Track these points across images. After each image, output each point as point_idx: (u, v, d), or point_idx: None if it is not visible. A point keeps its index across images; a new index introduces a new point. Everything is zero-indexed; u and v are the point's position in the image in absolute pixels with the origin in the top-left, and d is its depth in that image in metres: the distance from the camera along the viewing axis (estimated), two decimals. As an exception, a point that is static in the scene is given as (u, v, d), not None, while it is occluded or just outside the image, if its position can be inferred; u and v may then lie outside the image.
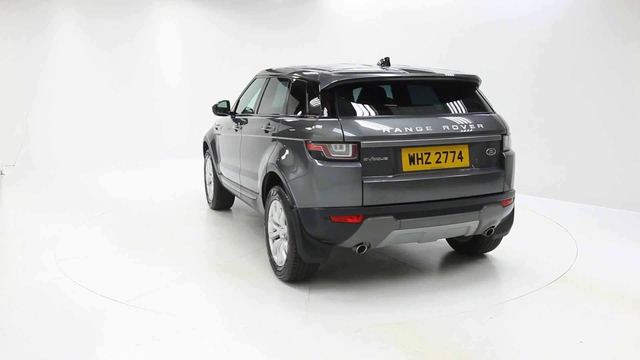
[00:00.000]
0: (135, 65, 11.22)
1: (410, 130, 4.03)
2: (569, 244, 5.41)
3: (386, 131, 3.98)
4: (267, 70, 5.70)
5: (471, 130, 4.22)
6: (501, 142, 4.37)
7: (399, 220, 3.93)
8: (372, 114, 4.16)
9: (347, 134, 3.91)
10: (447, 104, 4.49)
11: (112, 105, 11.00)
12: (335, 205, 3.89)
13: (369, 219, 3.87)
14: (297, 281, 4.35)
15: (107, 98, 10.94)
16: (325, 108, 4.09)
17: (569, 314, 3.82)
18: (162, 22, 11.64)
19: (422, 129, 4.06)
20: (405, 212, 3.95)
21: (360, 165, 3.88)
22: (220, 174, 6.43)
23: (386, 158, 3.95)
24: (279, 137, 4.52)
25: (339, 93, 4.14)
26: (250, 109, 5.70)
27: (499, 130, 4.37)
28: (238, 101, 6.13)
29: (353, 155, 3.89)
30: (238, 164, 5.62)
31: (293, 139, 4.25)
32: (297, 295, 4.17)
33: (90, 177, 9.39)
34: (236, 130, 5.74)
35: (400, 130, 4.01)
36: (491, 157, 4.31)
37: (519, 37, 7.81)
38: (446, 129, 4.14)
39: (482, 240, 4.82)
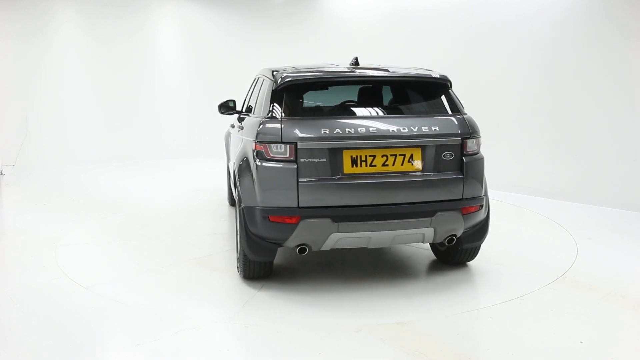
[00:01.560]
0: (135, 65, 11.22)
1: (352, 131, 3.90)
2: (569, 244, 5.41)
3: (325, 132, 3.89)
4: (263, 69, 5.73)
5: (424, 132, 4.00)
6: (462, 146, 4.09)
7: (336, 224, 3.84)
8: (317, 114, 4.17)
9: (285, 134, 3.90)
10: (406, 105, 4.43)
11: (112, 105, 11.00)
12: (273, 205, 3.90)
13: (305, 221, 3.84)
14: (253, 279, 4.37)
15: (107, 98, 10.95)
16: (273, 108, 4.12)
17: (569, 314, 3.81)
18: (162, 22, 11.64)
19: (364, 131, 3.92)
20: (343, 215, 3.85)
21: (295, 166, 3.85)
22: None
23: (324, 159, 3.88)
24: (243, 137, 4.63)
25: (289, 93, 4.15)
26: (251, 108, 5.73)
27: (459, 133, 4.10)
28: (245, 100, 6.18)
29: (290, 156, 3.87)
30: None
31: (246, 139, 4.37)
32: (242, 293, 4.20)
33: (90, 177, 9.39)
34: (239, 130, 5.77)
35: (341, 132, 3.89)
36: (449, 162, 4.06)
37: (519, 37, 7.81)
38: (394, 130, 3.96)
39: (455, 249, 4.56)
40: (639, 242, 5.53)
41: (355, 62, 4.56)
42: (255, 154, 4.02)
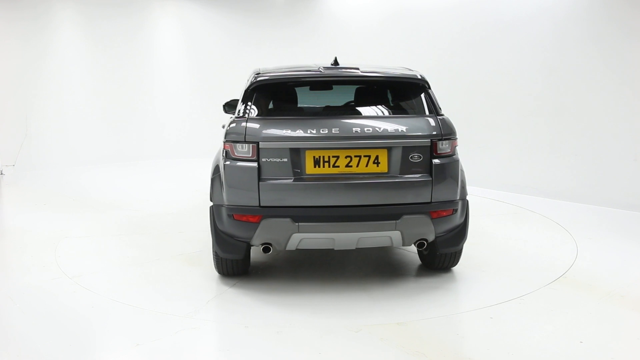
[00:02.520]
0: (135, 65, 11.21)
1: (314, 131, 3.88)
2: (569, 244, 5.41)
3: (287, 132, 3.91)
4: (254, 69, 5.73)
5: (390, 133, 3.93)
6: (431, 148, 3.99)
7: (296, 224, 3.84)
8: (283, 114, 4.19)
9: (248, 134, 3.93)
10: (378, 105, 4.40)
11: (112, 104, 10.99)
12: (237, 203, 3.95)
13: (266, 220, 3.87)
14: (231, 276, 4.46)
15: (107, 98, 10.94)
16: (243, 108, 4.16)
17: (569, 314, 3.82)
18: (162, 22, 11.64)
19: (327, 131, 3.88)
20: (304, 216, 3.85)
21: (257, 165, 3.89)
22: None
23: (286, 159, 3.89)
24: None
25: (259, 94, 4.19)
26: None
27: (429, 134, 4.00)
28: None
29: (252, 156, 3.91)
30: None
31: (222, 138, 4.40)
32: (210, 289, 4.29)
33: (90, 177, 9.39)
34: None
35: (302, 132, 3.89)
36: (416, 164, 3.96)
37: (519, 37, 7.81)
38: (358, 131, 3.90)
39: (434, 254, 4.46)
40: (639, 242, 5.53)
41: (335, 62, 4.51)
42: (224, 153, 4.08)
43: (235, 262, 4.33)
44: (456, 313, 3.81)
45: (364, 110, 4.38)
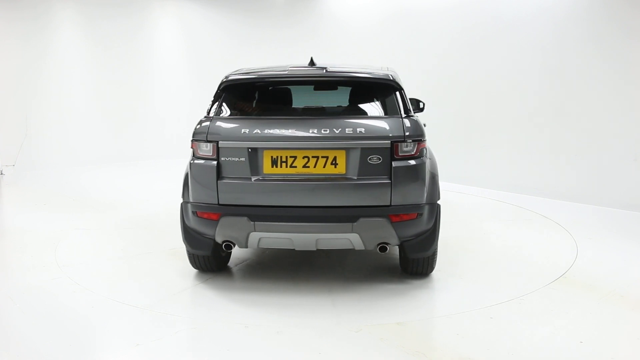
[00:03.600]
0: (135, 65, 11.21)
1: (271, 132, 3.90)
2: (569, 244, 5.41)
3: (245, 132, 3.94)
4: None
5: (348, 135, 3.86)
6: (392, 150, 3.87)
7: (253, 223, 3.88)
8: (246, 114, 4.23)
9: (210, 133, 4.01)
10: (344, 106, 4.38)
11: (112, 104, 11.00)
12: (199, 201, 4.05)
13: (224, 218, 3.94)
14: (205, 271, 4.57)
15: (107, 98, 10.94)
16: (210, 108, 4.25)
17: (569, 314, 3.82)
18: (162, 22, 11.64)
19: (284, 131, 3.90)
20: (260, 215, 3.89)
21: (215, 164, 3.95)
22: None
23: (243, 159, 3.93)
24: None
25: (227, 94, 4.27)
26: None
27: (389, 136, 3.89)
28: None
29: (213, 154, 3.99)
30: None
31: None
32: (178, 284, 4.37)
33: (90, 177, 9.39)
34: None
35: (260, 132, 3.91)
36: (375, 166, 3.86)
37: (519, 36, 7.81)
38: (315, 132, 3.88)
39: (406, 259, 4.38)
40: (639, 242, 5.53)
41: (311, 62, 4.48)
42: (192, 151, 4.17)
43: (205, 258, 4.41)
44: (456, 313, 3.81)
45: (328, 110, 4.37)
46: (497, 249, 5.31)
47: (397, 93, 4.20)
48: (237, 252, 5.13)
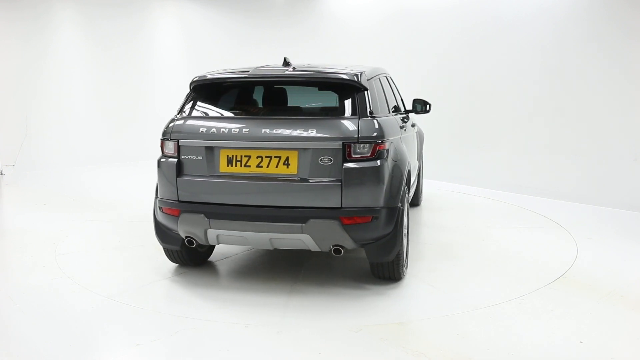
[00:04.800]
0: (135, 65, 11.22)
1: (226, 131, 3.98)
2: (569, 244, 5.41)
3: (202, 131, 4.04)
4: None
5: (300, 135, 3.85)
6: (343, 151, 3.82)
7: (208, 220, 3.95)
8: (206, 114, 4.29)
9: (172, 131, 4.15)
10: (302, 106, 4.38)
11: (112, 105, 11.00)
12: (164, 197, 4.20)
13: (183, 214, 4.05)
14: (184, 265, 4.71)
15: (107, 98, 10.94)
16: (181, 108, 4.36)
17: (569, 314, 3.82)
18: (162, 22, 11.64)
19: (238, 131, 3.95)
20: (215, 213, 3.95)
21: (176, 162, 4.08)
22: None
23: (200, 157, 4.03)
24: None
25: (195, 94, 4.38)
26: None
27: (341, 137, 3.83)
28: None
29: (174, 153, 4.13)
30: None
31: None
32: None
33: (90, 177, 9.40)
34: None
35: (216, 131, 4.00)
36: (327, 167, 3.82)
37: (519, 36, 7.81)
38: (267, 132, 3.90)
39: (372, 265, 4.30)
40: (639, 242, 5.53)
41: (285, 63, 4.48)
42: (160, 150, 4.31)
43: (176, 253, 4.55)
44: (456, 313, 3.81)
45: (287, 111, 4.39)
46: (497, 249, 5.31)
47: (361, 94, 4.10)
48: (234, 249, 5.14)
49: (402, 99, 5.98)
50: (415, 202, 6.85)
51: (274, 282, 4.40)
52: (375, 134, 3.92)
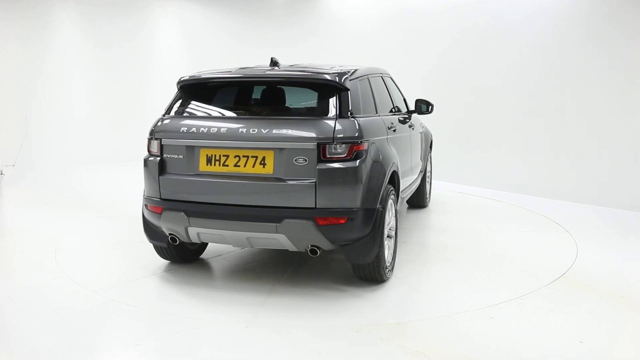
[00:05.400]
0: (135, 65, 11.21)
1: (205, 130, 4.04)
2: (569, 244, 5.41)
3: (183, 130, 4.11)
4: None
5: (275, 135, 3.86)
6: (318, 152, 3.80)
7: (188, 218, 4.02)
8: (190, 114, 4.34)
9: (156, 131, 4.25)
10: (282, 106, 4.40)
11: (112, 105, 10.99)
12: (149, 195, 4.30)
13: (165, 212, 4.13)
14: (174, 261, 4.79)
15: (107, 98, 10.94)
16: (168, 107, 4.44)
17: (569, 314, 3.82)
18: (162, 22, 11.63)
19: (216, 131, 4.01)
20: (194, 211, 4.02)
21: (159, 160, 4.18)
22: None
23: (182, 156, 4.11)
24: None
25: (181, 94, 4.46)
26: None
27: (315, 137, 3.81)
28: None
29: (157, 151, 4.22)
30: None
31: None
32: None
33: (90, 177, 9.40)
34: None
35: (196, 130, 4.06)
36: (302, 167, 3.82)
37: (519, 36, 7.81)
38: (244, 132, 3.93)
39: (352, 266, 4.29)
40: (639, 242, 5.53)
41: (272, 63, 4.52)
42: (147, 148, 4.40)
43: (164, 249, 4.63)
44: (456, 313, 3.81)
45: (268, 110, 4.39)
46: (497, 249, 5.31)
47: (340, 94, 4.06)
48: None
49: (405, 100, 5.97)
50: (421, 204, 6.80)
51: (274, 282, 4.40)
52: (353, 134, 3.90)
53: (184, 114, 4.34)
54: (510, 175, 8.00)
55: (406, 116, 5.65)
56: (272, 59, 4.57)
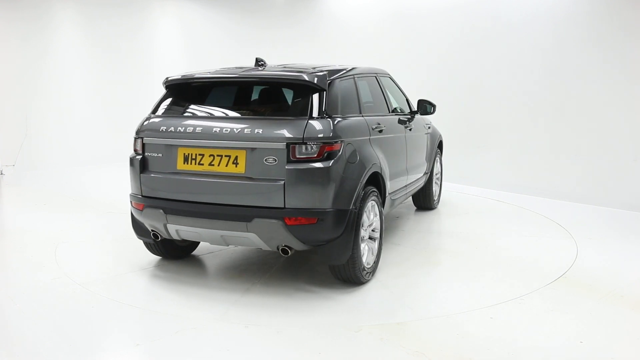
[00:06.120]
0: (135, 65, 11.21)
1: (182, 130, 4.13)
2: (569, 244, 5.41)
3: (163, 129, 4.21)
4: None
5: (246, 135, 3.90)
6: (288, 152, 3.81)
7: (166, 215, 4.12)
8: (173, 113, 4.40)
9: (140, 129, 4.36)
10: (260, 106, 4.43)
11: (112, 104, 10.99)
12: (133, 192, 4.39)
13: (146, 209, 4.24)
14: (166, 258, 4.88)
15: (107, 98, 10.94)
16: (155, 107, 4.52)
17: (569, 314, 3.82)
18: (162, 22, 11.63)
19: (192, 130, 4.09)
20: (171, 209, 4.11)
21: (140, 158, 4.28)
22: None
23: (161, 155, 4.22)
24: None
25: (168, 93, 4.55)
26: None
27: (285, 137, 3.82)
28: None
29: (140, 150, 4.32)
30: None
31: None
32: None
33: (90, 177, 9.40)
34: None
35: (174, 129, 4.16)
36: (272, 167, 3.84)
37: (519, 37, 7.81)
38: (217, 131, 4.00)
39: (329, 266, 4.27)
40: (639, 242, 5.53)
41: (256, 63, 4.58)
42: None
43: (152, 245, 4.72)
44: (456, 313, 3.81)
45: (244, 110, 4.43)
46: (497, 249, 5.31)
47: (316, 94, 4.05)
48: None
49: (408, 100, 5.95)
50: (428, 206, 6.72)
51: (273, 282, 4.40)
52: (325, 134, 3.88)
53: (167, 114, 4.42)
54: (510, 175, 8.00)
55: (407, 117, 5.63)
56: (257, 59, 4.63)
